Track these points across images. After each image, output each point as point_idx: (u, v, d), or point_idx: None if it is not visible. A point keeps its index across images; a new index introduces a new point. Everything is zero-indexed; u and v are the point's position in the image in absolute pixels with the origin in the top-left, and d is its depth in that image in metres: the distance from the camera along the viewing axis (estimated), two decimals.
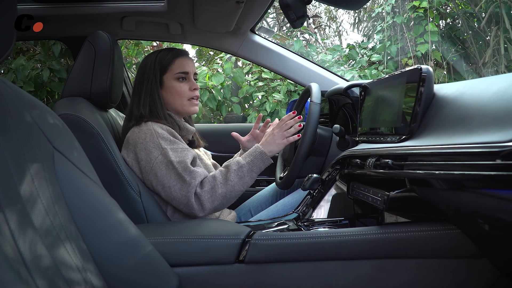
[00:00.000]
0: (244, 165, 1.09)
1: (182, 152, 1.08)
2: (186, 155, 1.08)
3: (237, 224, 0.96)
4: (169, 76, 1.19)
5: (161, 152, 1.06)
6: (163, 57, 1.19)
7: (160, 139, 1.07)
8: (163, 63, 1.19)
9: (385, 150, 0.80)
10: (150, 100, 1.17)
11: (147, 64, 1.20)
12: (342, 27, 7.91)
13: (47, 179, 0.59)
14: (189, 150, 1.11)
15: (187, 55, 1.24)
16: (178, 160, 1.06)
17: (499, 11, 3.43)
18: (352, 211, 0.98)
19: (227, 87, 3.46)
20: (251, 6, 1.33)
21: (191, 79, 1.22)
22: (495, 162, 0.51)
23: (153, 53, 1.22)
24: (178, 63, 1.20)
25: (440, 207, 0.71)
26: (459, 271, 0.72)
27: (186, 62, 1.21)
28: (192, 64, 1.24)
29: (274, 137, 1.14)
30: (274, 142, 1.13)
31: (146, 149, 1.07)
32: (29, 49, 2.90)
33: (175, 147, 1.08)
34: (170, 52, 1.21)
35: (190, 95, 1.21)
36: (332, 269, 0.76)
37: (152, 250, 0.71)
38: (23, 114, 0.60)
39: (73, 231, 0.60)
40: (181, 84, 1.19)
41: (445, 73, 3.75)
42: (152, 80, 1.18)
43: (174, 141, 1.10)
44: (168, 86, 1.19)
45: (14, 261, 0.44)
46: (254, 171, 1.10)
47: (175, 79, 1.19)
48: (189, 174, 1.05)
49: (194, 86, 1.22)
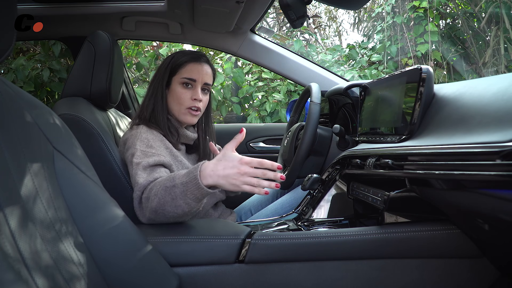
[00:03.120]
0: (177, 186, 0.84)
1: (150, 157, 0.99)
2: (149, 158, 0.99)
3: (237, 224, 0.96)
4: (176, 79, 1.14)
5: (131, 152, 1.02)
6: (178, 58, 1.14)
7: (138, 140, 1.03)
8: (176, 64, 1.14)
9: (385, 150, 0.80)
10: (154, 101, 1.13)
11: (163, 63, 1.16)
12: (342, 27, 7.91)
13: (47, 179, 0.59)
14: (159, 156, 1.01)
15: (205, 61, 1.16)
16: (138, 161, 0.98)
17: (499, 11, 3.43)
18: (352, 211, 0.98)
19: (227, 87, 3.46)
20: (251, 6, 1.33)
21: (197, 87, 1.14)
22: (495, 162, 0.51)
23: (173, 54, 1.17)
24: (188, 68, 1.13)
25: (440, 207, 0.71)
26: (459, 271, 0.72)
27: (197, 69, 1.13)
28: (206, 72, 1.15)
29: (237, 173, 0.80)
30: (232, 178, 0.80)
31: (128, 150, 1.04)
32: (29, 49, 2.90)
33: (147, 150, 1.01)
34: (186, 55, 1.15)
35: (189, 104, 1.12)
36: (332, 269, 0.76)
37: (152, 250, 0.71)
38: (23, 114, 0.60)
39: (73, 230, 0.60)
40: (183, 90, 1.12)
41: (445, 73, 3.75)
42: (160, 79, 1.14)
43: (151, 146, 1.03)
44: (172, 89, 1.14)
45: (14, 260, 0.44)
46: (188, 196, 0.82)
47: (180, 84, 1.13)
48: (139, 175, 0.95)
49: (195, 96, 1.12)
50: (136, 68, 3.32)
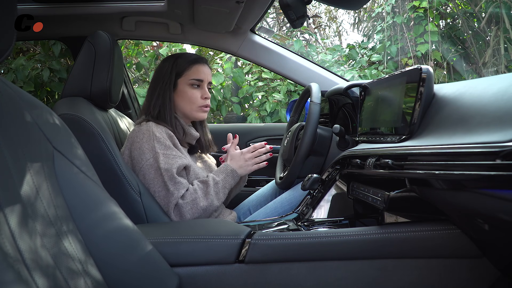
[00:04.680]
0: (219, 182, 1.17)
1: (173, 159, 1.10)
2: (175, 163, 1.10)
3: (237, 224, 0.96)
4: (183, 81, 1.21)
5: (153, 156, 1.08)
6: (181, 61, 1.22)
7: (155, 142, 1.09)
8: (180, 67, 1.21)
9: (385, 150, 0.80)
10: (161, 102, 1.19)
11: (165, 66, 1.22)
12: (342, 27, 7.91)
13: (47, 179, 0.59)
14: (180, 158, 1.12)
15: (206, 63, 1.26)
16: (166, 167, 1.08)
17: (499, 11, 3.43)
18: (352, 211, 0.98)
19: (227, 87, 3.46)
20: (251, 6, 1.33)
21: (204, 87, 1.24)
22: (495, 162, 0.51)
23: (172, 56, 1.24)
24: (194, 70, 1.21)
25: (440, 207, 0.71)
26: (459, 271, 0.72)
27: (202, 70, 1.23)
28: (209, 73, 1.25)
29: (246, 162, 1.24)
30: (245, 165, 1.23)
31: (140, 149, 1.09)
32: (29, 49, 2.90)
33: (168, 153, 1.10)
34: (189, 57, 1.23)
35: (201, 103, 1.23)
36: (332, 269, 0.76)
37: (152, 250, 0.71)
38: (23, 114, 0.60)
39: (73, 230, 0.60)
40: (193, 91, 1.21)
41: (445, 73, 3.76)
42: (167, 82, 1.20)
43: (169, 147, 1.11)
44: (180, 90, 1.21)
45: (14, 260, 0.44)
46: (227, 187, 1.19)
47: (189, 85, 1.21)
48: (174, 185, 1.08)
49: (206, 95, 1.23)
50: (136, 68, 3.32)
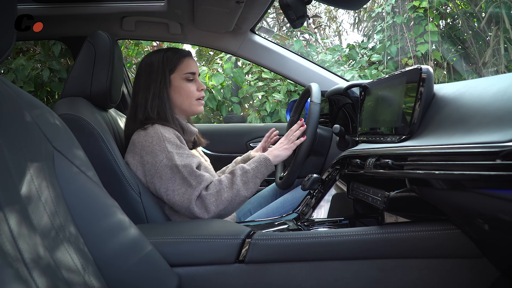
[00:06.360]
0: (249, 171, 1.10)
1: (187, 158, 1.08)
2: (191, 161, 1.08)
3: (237, 224, 0.96)
4: (177, 76, 1.18)
5: (166, 156, 1.05)
6: (170, 57, 1.18)
7: (166, 142, 1.07)
8: (171, 62, 1.18)
9: (385, 150, 0.80)
10: (159, 102, 1.15)
11: (154, 64, 1.17)
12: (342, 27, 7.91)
13: (47, 179, 0.59)
14: (194, 156, 1.10)
15: (192, 55, 1.24)
16: (184, 164, 1.05)
17: (499, 11, 3.43)
18: (352, 211, 0.98)
19: (227, 87, 3.46)
20: (251, 6, 1.33)
21: (197, 79, 1.23)
22: (495, 162, 0.51)
23: (158, 52, 1.20)
24: (186, 63, 1.19)
25: (440, 207, 0.71)
26: (459, 271, 0.72)
27: (192, 63, 1.22)
28: (196, 64, 1.24)
29: (281, 144, 1.19)
30: (281, 147, 1.18)
31: (152, 152, 1.06)
32: (29, 49, 2.90)
33: (181, 152, 1.08)
34: (177, 52, 1.20)
35: (198, 95, 1.21)
36: (332, 269, 0.76)
37: (152, 250, 0.71)
38: (23, 114, 0.60)
39: (73, 230, 0.60)
40: (189, 84, 1.20)
41: (445, 73, 3.75)
42: (161, 80, 1.16)
43: (180, 146, 1.10)
44: (176, 86, 1.18)
45: (13, 259, 0.44)
46: (258, 177, 1.11)
47: (184, 79, 1.19)
48: (195, 178, 1.05)
49: (201, 87, 1.23)
50: (136, 68, 3.32)
